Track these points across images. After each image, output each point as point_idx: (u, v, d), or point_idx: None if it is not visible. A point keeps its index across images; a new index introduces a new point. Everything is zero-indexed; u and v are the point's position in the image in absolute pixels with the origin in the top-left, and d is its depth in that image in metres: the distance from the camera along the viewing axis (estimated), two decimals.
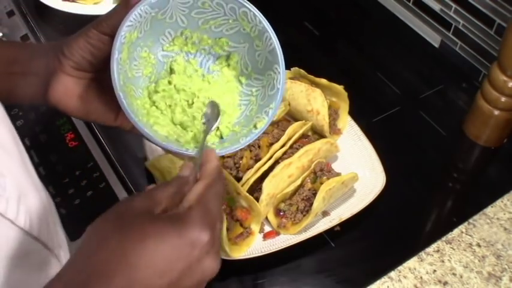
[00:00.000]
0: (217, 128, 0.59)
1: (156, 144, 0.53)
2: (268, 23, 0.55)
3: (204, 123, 0.57)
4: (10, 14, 1.12)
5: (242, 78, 0.61)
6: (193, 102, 0.59)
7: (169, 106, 0.59)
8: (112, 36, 0.51)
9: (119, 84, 0.50)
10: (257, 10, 0.55)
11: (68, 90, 0.56)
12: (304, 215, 0.78)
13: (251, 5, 0.55)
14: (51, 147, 0.88)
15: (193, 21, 0.58)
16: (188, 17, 0.57)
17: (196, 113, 0.58)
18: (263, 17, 0.55)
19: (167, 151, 0.52)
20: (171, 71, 0.60)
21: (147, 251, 0.39)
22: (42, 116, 0.93)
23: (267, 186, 0.77)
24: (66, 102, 0.56)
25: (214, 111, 0.57)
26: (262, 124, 0.56)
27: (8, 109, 0.63)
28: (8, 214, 0.49)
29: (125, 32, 0.51)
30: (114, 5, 1.10)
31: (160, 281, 0.39)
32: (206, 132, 0.56)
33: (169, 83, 0.59)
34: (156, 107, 0.58)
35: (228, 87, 0.61)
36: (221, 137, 0.59)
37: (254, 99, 0.60)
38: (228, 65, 0.61)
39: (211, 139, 0.58)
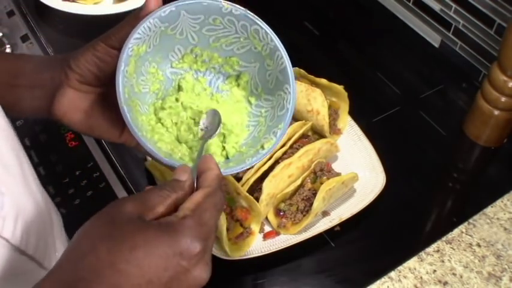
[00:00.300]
0: (223, 148, 0.58)
1: (158, 161, 0.51)
2: (279, 42, 0.54)
3: (201, 130, 0.56)
4: (10, 14, 1.12)
5: (252, 98, 0.59)
6: (199, 120, 0.57)
7: (175, 124, 0.57)
8: (120, 50, 0.50)
9: (123, 97, 0.49)
10: (269, 28, 0.54)
11: (73, 104, 0.55)
12: (304, 215, 0.78)
13: (263, 22, 0.54)
14: (51, 147, 0.88)
15: (204, 39, 0.57)
16: (199, 34, 0.56)
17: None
18: (275, 35, 0.54)
19: (170, 168, 0.51)
20: (179, 88, 0.59)
21: (136, 259, 0.39)
22: None
23: (267, 186, 0.77)
24: (70, 116, 0.55)
25: (214, 120, 0.56)
26: (270, 145, 0.55)
27: None
28: (4, 233, 0.48)
29: (133, 45, 0.50)
30: (114, 5, 1.11)
31: None
32: (204, 139, 0.54)
33: (177, 100, 0.58)
34: (162, 124, 0.57)
35: (236, 107, 0.59)
36: (227, 157, 0.57)
37: (263, 120, 0.58)
38: (238, 85, 0.60)
39: (217, 159, 0.55)
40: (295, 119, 0.90)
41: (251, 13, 0.54)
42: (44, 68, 0.58)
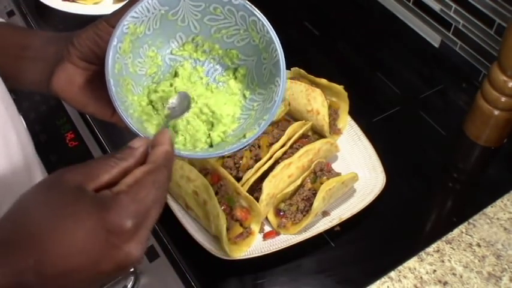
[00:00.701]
0: (208, 135, 0.58)
1: (136, 133, 0.51)
2: (275, 35, 0.54)
3: (168, 109, 0.56)
4: (10, 14, 1.12)
5: (247, 92, 0.60)
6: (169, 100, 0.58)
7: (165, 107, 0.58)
8: None
9: (111, 70, 0.50)
10: (266, 20, 0.54)
11: (71, 79, 0.56)
12: (304, 215, 0.78)
13: (261, 14, 0.54)
14: (51, 147, 0.88)
15: (206, 29, 0.57)
16: (201, 23, 0.57)
17: (190, 118, 0.57)
18: (271, 27, 0.54)
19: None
20: (175, 75, 0.60)
21: (64, 229, 0.39)
22: (42, 116, 0.93)
23: (267, 186, 0.77)
24: (67, 90, 0.57)
25: (184, 103, 0.56)
26: (252, 134, 0.54)
27: None
28: None
29: (129, 22, 0.51)
30: (114, 5, 1.11)
31: (75, 261, 0.39)
32: (168, 119, 0.54)
33: (171, 85, 0.59)
34: (153, 106, 0.58)
35: (231, 99, 0.60)
36: (210, 145, 0.58)
37: (253, 113, 0.58)
38: (235, 78, 0.60)
39: (200, 145, 0.57)
40: (295, 119, 0.90)
41: (249, 3, 0.54)
42: (51, 43, 0.59)
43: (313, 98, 0.87)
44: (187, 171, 0.76)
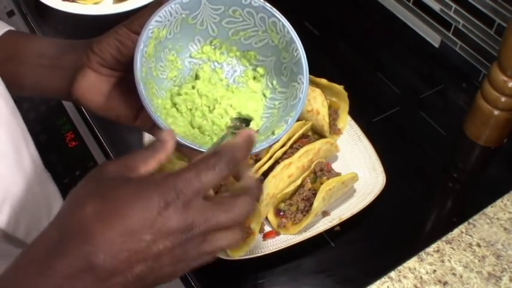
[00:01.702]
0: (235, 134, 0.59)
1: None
2: (296, 34, 0.55)
3: (231, 121, 0.58)
4: (10, 14, 1.12)
5: (267, 91, 0.61)
6: (214, 108, 0.59)
7: (190, 109, 0.59)
8: None
9: (140, 74, 0.50)
10: (286, 20, 0.55)
11: (92, 85, 0.56)
12: (304, 215, 0.78)
13: (280, 14, 0.55)
14: (51, 147, 0.88)
15: (224, 31, 0.58)
16: (219, 26, 0.57)
17: (216, 119, 0.58)
18: (291, 27, 0.55)
19: (181, 146, 0.52)
20: (196, 77, 0.60)
21: (118, 210, 0.40)
22: (42, 116, 0.93)
23: (267, 186, 0.77)
24: (89, 97, 0.57)
25: (245, 123, 0.58)
26: (281, 131, 0.55)
27: None
28: None
29: (153, 27, 0.51)
30: (114, 5, 1.11)
31: (136, 238, 0.40)
32: (230, 130, 0.56)
33: (193, 87, 0.59)
34: (177, 109, 0.58)
35: (252, 97, 0.61)
36: None
37: (276, 111, 0.59)
38: (254, 78, 0.61)
39: None
40: None
41: (269, 5, 0.55)
42: (68, 50, 0.60)
43: (313, 98, 0.87)
44: None
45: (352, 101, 0.90)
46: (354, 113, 0.91)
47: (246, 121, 0.59)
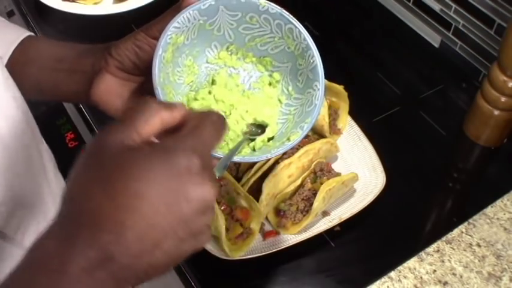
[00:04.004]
0: (252, 140, 0.59)
1: None
2: (312, 40, 0.56)
3: (247, 127, 0.58)
4: (10, 14, 1.12)
5: (282, 97, 0.61)
6: (230, 114, 0.59)
7: None
8: (159, 39, 0.52)
9: (158, 79, 0.51)
10: (302, 27, 0.56)
11: (111, 89, 0.57)
12: (304, 215, 0.78)
13: (297, 21, 0.56)
14: (51, 147, 0.88)
15: (240, 37, 0.58)
16: (236, 32, 0.58)
17: (232, 125, 0.58)
18: (308, 34, 0.56)
19: None
20: (213, 82, 0.61)
21: (134, 190, 0.37)
22: (42, 116, 0.93)
23: (267, 186, 0.77)
24: (107, 101, 0.57)
25: (261, 129, 0.59)
26: (296, 137, 0.55)
27: None
28: None
29: (172, 33, 0.52)
30: (114, 5, 1.11)
31: (156, 217, 0.37)
32: (246, 137, 0.57)
33: (210, 93, 0.60)
34: None
35: (268, 102, 0.61)
36: (253, 149, 0.59)
37: (291, 117, 0.59)
38: (270, 84, 0.61)
39: (244, 151, 0.58)
40: None
41: (286, 12, 0.56)
42: (86, 55, 0.60)
43: None
44: None
45: (352, 101, 0.90)
46: (354, 113, 0.91)
47: (261, 127, 0.59)
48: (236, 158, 0.53)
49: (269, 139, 0.59)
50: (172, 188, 0.37)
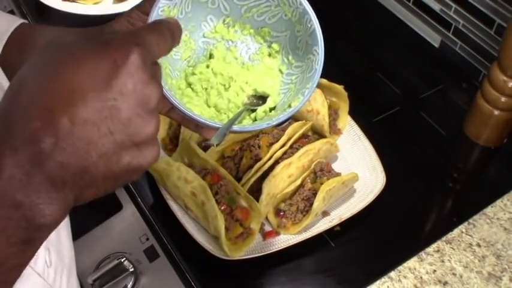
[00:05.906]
0: (253, 110, 0.58)
1: (185, 114, 0.50)
2: (308, 5, 0.55)
3: (248, 99, 0.58)
4: (10, 14, 1.12)
5: (283, 67, 0.60)
6: (229, 86, 0.59)
7: (205, 89, 0.59)
8: None
9: None
10: None
11: None
12: (304, 215, 0.78)
13: None
14: None
15: (236, 9, 0.58)
16: (231, 4, 0.57)
17: (232, 97, 0.58)
18: None
19: (195, 122, 0.51)
20: (210, 56, 0.60)
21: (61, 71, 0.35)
22: None
23: (267, 186, 0.77)
24: None
25: (261, 100, 0.58)
26: (297, 103, 0.54)
27: None
28: (37, 267, 0.50)
29: (163, 5, 0.51)
30: (114, 5, 1.11)
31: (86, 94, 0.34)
32: (246, 106, 0.56)
33: (208, 67, 0.59)
34: (192, 89, 0.58)
35: (268, 73, 0.60)
36: (255, 120, 0.58)
37: (293, 86, 0.59)
38: (269, 55, 0.61)
39: (245, 121, 0.57)
40: (295, 119, 0.90)
41: None
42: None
43: (313, 98, 0.87)
44: (184, 173, 0.76)
45: (352, 101, 0.90)
46: (354, 113, 0.91)
47: (262, 98, 0.58)
48: (236, 128, 0.52)
49: (271, 109, 0.58)
50: (104, 79, 0.34)
